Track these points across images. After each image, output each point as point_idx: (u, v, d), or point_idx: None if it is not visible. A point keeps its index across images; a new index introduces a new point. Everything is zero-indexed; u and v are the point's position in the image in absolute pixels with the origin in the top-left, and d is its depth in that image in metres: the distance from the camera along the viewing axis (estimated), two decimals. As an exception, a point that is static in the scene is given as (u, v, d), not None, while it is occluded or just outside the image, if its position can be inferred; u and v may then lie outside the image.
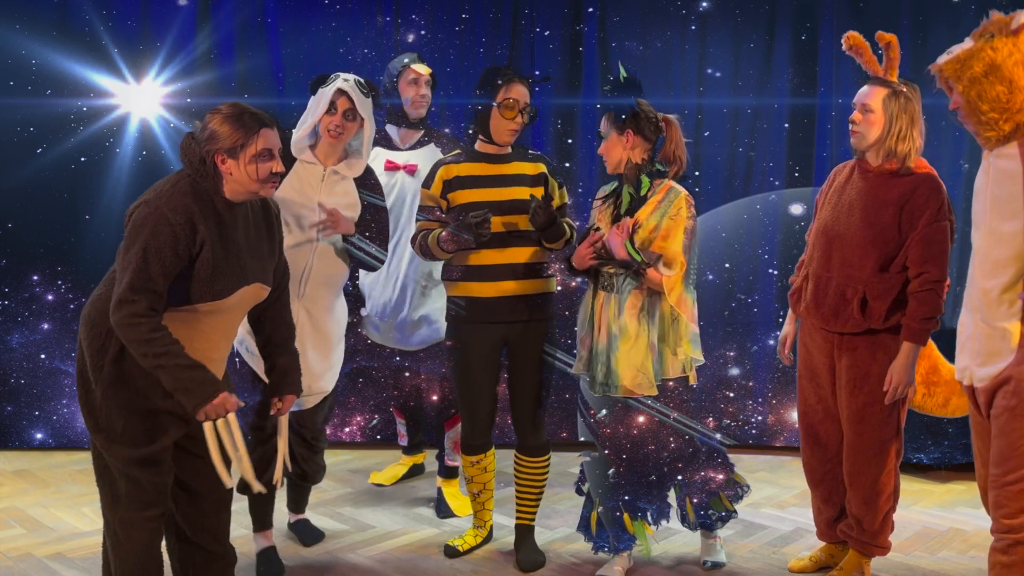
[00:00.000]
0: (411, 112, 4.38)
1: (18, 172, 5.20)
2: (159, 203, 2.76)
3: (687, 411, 3.63)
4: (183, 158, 2.86)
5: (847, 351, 3.52)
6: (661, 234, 3.51)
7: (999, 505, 2.77)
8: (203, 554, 3.05)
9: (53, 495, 4.66)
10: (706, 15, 5.35)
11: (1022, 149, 2.74)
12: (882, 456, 3.53)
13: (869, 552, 3.64)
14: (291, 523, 4.16)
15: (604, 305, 3.59)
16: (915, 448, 5.03)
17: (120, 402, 2.83)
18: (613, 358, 3.54)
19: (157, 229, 2.72)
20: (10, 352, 5.29)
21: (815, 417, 3.68)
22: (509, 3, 5.35)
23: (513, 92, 3.67)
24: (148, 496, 2.87)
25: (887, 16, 5.14)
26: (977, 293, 2.84)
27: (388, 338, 4.51)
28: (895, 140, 3.42)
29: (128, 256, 2.73)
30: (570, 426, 5.14)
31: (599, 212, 3.67)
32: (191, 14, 5.25)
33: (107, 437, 2.85)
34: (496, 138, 3.71)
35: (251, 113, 2.86)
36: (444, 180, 3.74)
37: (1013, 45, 2.70)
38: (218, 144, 2.80)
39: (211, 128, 2.82)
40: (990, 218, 2.80)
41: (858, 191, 3.49)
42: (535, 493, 3.91)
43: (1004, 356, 2.78)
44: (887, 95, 3.44)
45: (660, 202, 3.54)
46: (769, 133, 5.36)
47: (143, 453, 2.84)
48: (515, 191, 3.70)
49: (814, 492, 3.79)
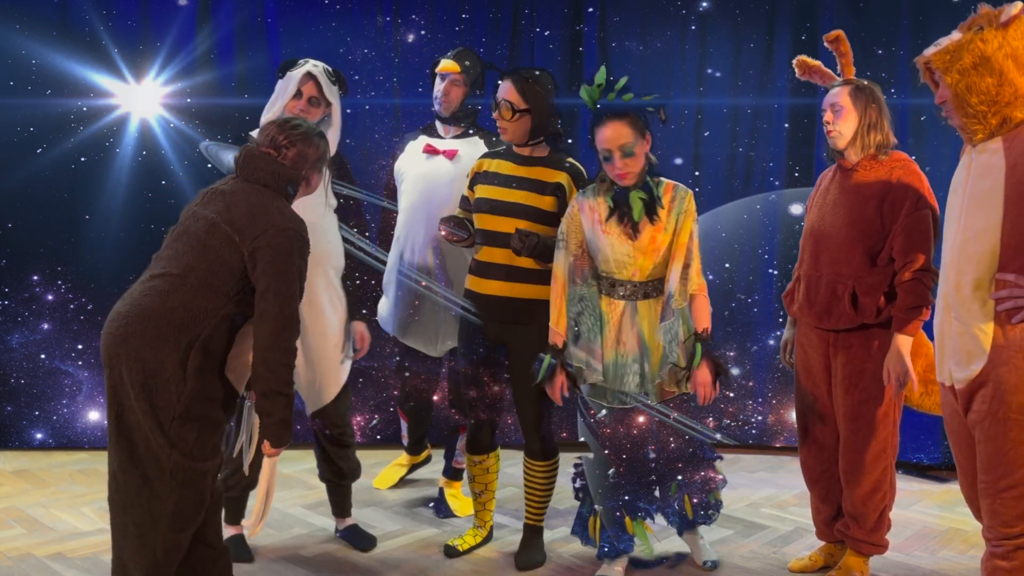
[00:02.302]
0: (437, 110, 4.27)
1: (18, 172, 5.20)
2: (292, 226, 2.95)
3: (687, 411, 3.64)
4: (272, 179, 3.03)
5: (842, 349, 3.53)
6: (676, 231, 3.48)
7: (994, 513, 2.74)
8: (207, 550, 3.06)
9: (53, 495, 4.66)
10: (706, 15, 5.35)
11: (1006, 144, 2.71)
12: (878, 454, 3.53)
13: (866, 551, 3.64)
14: (340, 530, 4.11)
15: (629, 314, 3.52)
16: (915, 448, 5.03)
17: (199, 415, 2.86)
18: (648, 365, 3.50)
19: (303, 251, 2.98)
20: (10, 352, 5.29)
21: (811, 416, 3.70)
22: (509, 3, 5.35)
23: (500, 91, 3.66)
24: (192, 514, 2.90)
25: (887, 16, 5.14)
26: (950, 290, 2.81)
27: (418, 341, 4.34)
28: (866, 130, 3.47)
29: (287, 281, 2.91)
30: (570, 426, 5.14)
31: (604, 226, 3.49)
32: (191, 14, 5.25)
33: (181, 451, 2.84)
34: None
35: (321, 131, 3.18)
36: (476, 172, 3.79)
37: (1003, 38, 2.68)
38: (315, 165, 3.14)
39: (306, 152, 3.10)
40: (967, 214, 2.77)
41: (841, 189, 3.52)
42: (540, 495, 3.89)
43: (977, 357, 2.74)
44: (851, 90, 3.51)
45: (672, 201, 3.51)
46: (769, 133, 5.36)
47: (207, 467, 2.89)
48: (521, 195, 3.67)
49: (812, 491, 3.80)
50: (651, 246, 3.48)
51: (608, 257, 3.51)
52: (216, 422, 2.89)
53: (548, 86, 3.68)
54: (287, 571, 3.80)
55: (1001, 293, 2.69)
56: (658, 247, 3.49)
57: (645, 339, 3.51)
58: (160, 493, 2.84)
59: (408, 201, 4.21)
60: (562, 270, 3.55)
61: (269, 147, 3.08)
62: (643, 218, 3.46)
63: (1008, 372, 2.69)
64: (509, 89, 3.63)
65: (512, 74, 3.67)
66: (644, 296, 3.53)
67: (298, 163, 3.07)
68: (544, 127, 3.68)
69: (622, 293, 3.53)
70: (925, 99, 5.06)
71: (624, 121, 3.40)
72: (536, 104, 3.63)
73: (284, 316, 2.88)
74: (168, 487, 2.84)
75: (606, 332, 3.53)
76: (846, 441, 3.56)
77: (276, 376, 2.88)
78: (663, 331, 3.49)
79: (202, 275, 2.88)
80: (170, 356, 2.81)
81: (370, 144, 5.28)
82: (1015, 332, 2.69)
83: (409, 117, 5.25)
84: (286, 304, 2.89)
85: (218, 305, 2.87)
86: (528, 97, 3.61)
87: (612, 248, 3.49)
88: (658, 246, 3.49)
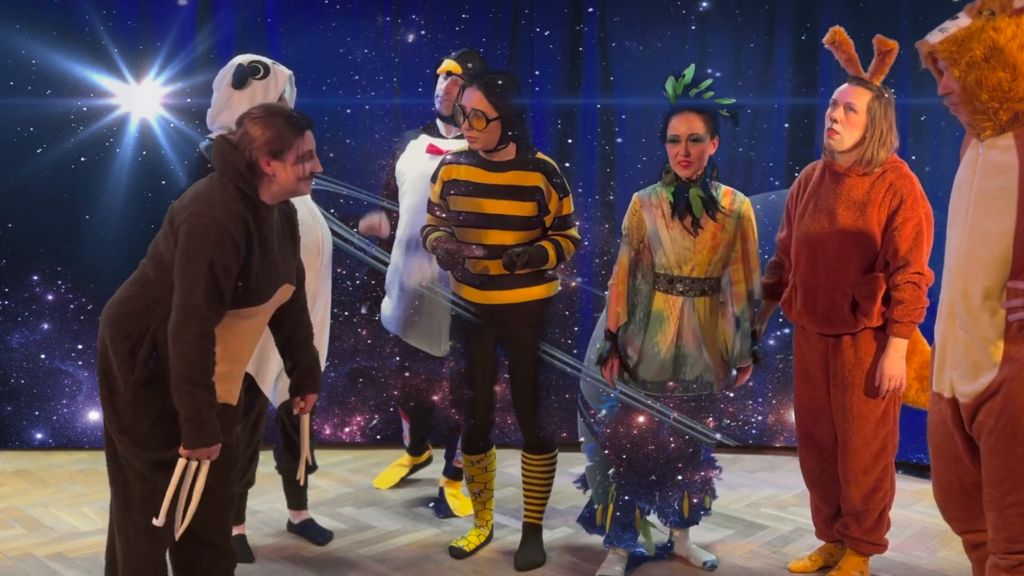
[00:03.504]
0: (438, 108, 4.25)
1: (18, 172, 5.20)
2: (216, 213, 2.74)
3: (687, 411, 3.65)
4: (221, 165, 2.83)
5: (842, 350, 3.53)
6: (743, 236, 3.60)
7: (999, 527, 2.63)
8: (212, 552, 3.05)
9: (53, 495, 4.66)
10: (706, 15, 5.35)
11: (1019, 141, 2.47)
12: (878, 453, 3.53)
13: (866, 551, 3.64)
14: (295, 524, 4.15)
15: (688, 311, 3.58)
16: (915, 448, 5.03)
17: (150, 404, 2.82)
18: (707, 355, 3.60)
19: (221, 242, 2.72)
20: (10, 352, 5.29)
21: (810, 417, 3.70)
22: (509, 3, 5.35)
23: (463, 97, 3.60)
24: (161, 500, 2.86)
25: (887, 16, 5.14)
26: (956, 297, 2.60)
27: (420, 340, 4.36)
28: (875, 145, 3.40)
29: (194, 268, 2.71)
30: (570, 426, 5.13)
31: (668, 222, 3.56)
32: (191, 14, 5.25)
33: (132, 439, 2.83)
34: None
35: (290, 115, 2.87)
36: (444, 181, 3.72)
37: (1016, 26, 2.40)
38: (264, 147, 2.81)
39: (254, 132, 2.82)
40: (973, 214, 2.55)
41: (834, 196, 3.48)
42: (539, 491, 3.89)
43: (986, 370, 2.55)
44: (872, 98, 3.40)
45: (732, 204, 3.60)
46: (769, 133, 5.36)
47: (166, 456, 2.84)
48: (504, 205, 3.62)
49: (812, 491, 3.80)
50: (711, 242, 3.56)
51: (669, 252, 3.57)
52: (174, 413, 2.79)
53: (515, 89, 3.64)
54: (287, 571, 3.80)
55: (1014, 302, 2.46)
56: (716, 245, 3.57)
57: (702, 334, 3.59)
58: (129, 478, 2.87)
59: (410, 201, 4.21)
60: (626, 261, 3.66)
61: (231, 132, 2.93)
62: (703, 215, 3.53)
63: (1019, 387, 2.50)
64: (478, 98, 3.55)
65: (478, 81, 3.59)
66: (701, 293, 3.59)
67: (242, 143, 2.82)
68: (513, 130, 3.63)
69: (680, 289, 3.59)
70: (925, 99, 5.07)
71: (699, 115, 3.50)
72: (504, 110, 3.57)
73: (187, 306, 2.70)
74: (133, 473, 2.85)
75: (665, 327, 3.59)
76: (846, 441, 3.56)
77: (176, 371, 2.71)
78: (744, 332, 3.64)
79: (153, 265, 2.86)
80: (123, 345, 2.82)
81: (370, 144, 5.28)
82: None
83: (409, 117, 5.25)
84: (190, 294, 2.70)
85: (165, 295, 2.79)
86: (498, 105, 3.56)
87: (674, 243, 3.56)
88: (717, 244, 3.56)
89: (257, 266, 2.82)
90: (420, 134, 4.34)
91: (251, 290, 2.83)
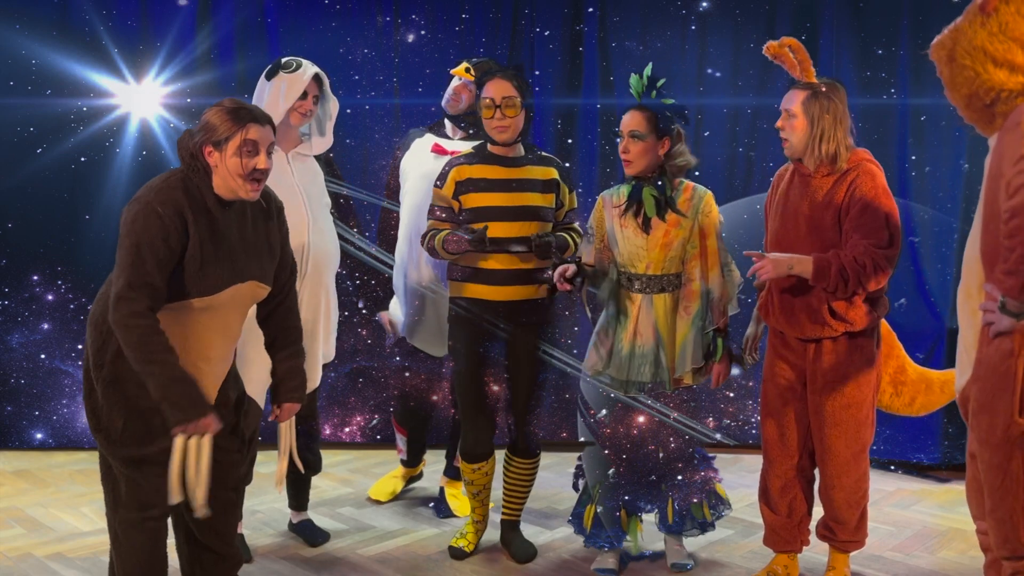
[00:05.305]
0: (444, 107, 4.27)
1: (18, 172, 5.20)
2: (148, 197, 2.74)
3: (687, 411, 3.65)
4: (178, 152, 2.86)
5: (822, 355, 3.46)
6: (702, 232, 3.60)
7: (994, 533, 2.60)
8: (210, 555, 3.05)
9: (53, 495, 4.66)
10: (706, 15, 5.36)
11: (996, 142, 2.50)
12: (860, 457, 3.49)
13: (852, 549, 3.62)
14: (294, 524, 4.15)
15: (646, 308, 3.59)
16: (915, 448, 5.03)
17: (120, 401, 2.82)
18: (663, 356, 3.59)
19: (147, 222, 2.69)
20: (10, 352, 5.29)
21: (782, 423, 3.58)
22: (509, 3, 5.35)
23: (489, 90, 3.65)
24: (147, 497, 2.85)
25: (887, 16, 5.14)
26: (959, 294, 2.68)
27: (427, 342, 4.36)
28: (817, 142, 3.36)
29: (122, 252, 2.71)
30: (570, 426, 5.14)
31: (621, 220, 3.62)
32: (191, 14, 5.25)
33: (107, 437, 2.84)
34: (492, 138, 3.70)
35: (246, 108, 2.84)
36: (456, 181, 3.73)
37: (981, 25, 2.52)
38: (207, 135, 2.79)
39: (204, 120, 2.82)
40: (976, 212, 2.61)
41: (800, 198, 3.44)
42: (523, 491, 3.95)
43: (966, 370, 2.59)
44: (806, 97, 3.38)
45: (689, 200, 3.60)
46: (769, 133, 5.35)
47: (143, 453, 2.82)
48: (526, 197, 3.69)
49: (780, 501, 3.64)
50: (663, 240, 3.57)
51: (623, 249, 3.62)
52: (147, 410, 2.79)
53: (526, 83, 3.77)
54: (286, 571, 3.80)
55: (987, 304, 2.49)
56: (669, 243, 3.58)
57: (660, 331, 3.59)
58: (115, 474, 2.88)
59: (412, 200, 4.21)
60: (592, 261, 3.72)
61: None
62: (655, 214, 3.56)
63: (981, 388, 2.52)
64: (506, 87, 3.64)
65: (500, 73, 3.69)
66: (660, 290, 3.61)
67: (200, 131, 2.81)
68: (528, 123, 3.75)
69: (638, 287, 3.61)
70: (925, 99, 5.07)
71: (643, 113, 3.55)
72: (527, 99, 3.70)
73: (116, 292, 2.68)
74: (117, 471, 2.86)
75: (627, 325, 3.62)
76: (828, 448, 3.48)
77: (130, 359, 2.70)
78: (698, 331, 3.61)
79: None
80: (95, 341, 2.84)
81: (370, 144, 5.29)
82: (990, 349, 2.50)
83: (409, 117, 5.25)
84: (118, 278, 2.69)
85: None
86: (523, 92, 3.68)
87: (627, 241, 3.60)
88: (670, 241, 3.58)
89: (201, 256, 2.77)
90: (425, 133, 4.33)
91: (191, 278, 2.77)
